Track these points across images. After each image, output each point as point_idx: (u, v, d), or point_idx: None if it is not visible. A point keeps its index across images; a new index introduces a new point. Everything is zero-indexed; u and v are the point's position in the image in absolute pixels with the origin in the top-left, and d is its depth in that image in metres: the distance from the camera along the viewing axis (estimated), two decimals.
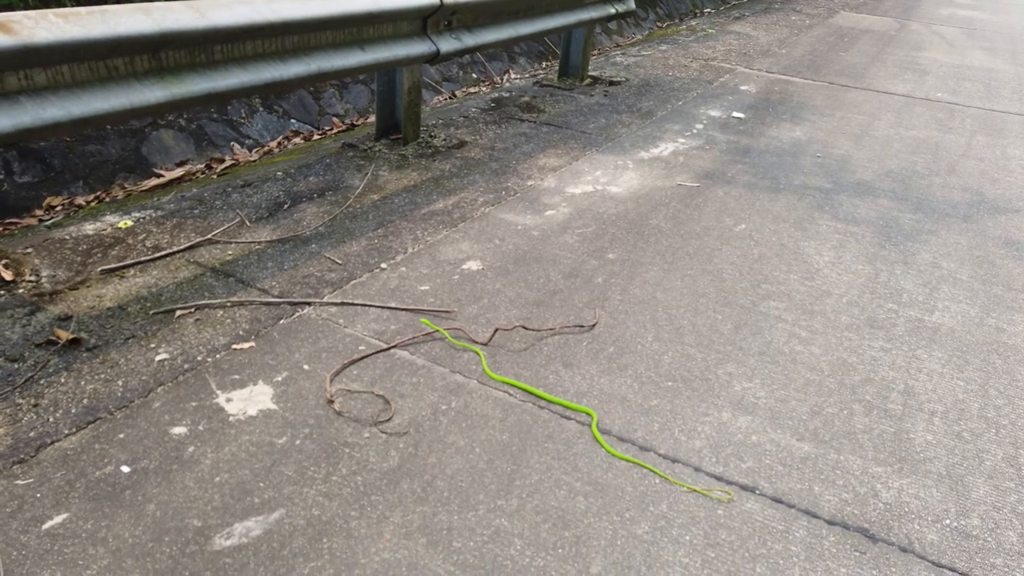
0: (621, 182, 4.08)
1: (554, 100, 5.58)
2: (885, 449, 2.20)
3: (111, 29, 2.29)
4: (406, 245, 3.18)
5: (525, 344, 2.56)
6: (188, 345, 2.37)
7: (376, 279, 2.89)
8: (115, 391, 2.14)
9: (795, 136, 5.19)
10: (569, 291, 2.93)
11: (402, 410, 2.19)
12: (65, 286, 2.58)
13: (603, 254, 3.25)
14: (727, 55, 7.66)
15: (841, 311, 2.95)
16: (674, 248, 3.36)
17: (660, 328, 2.72)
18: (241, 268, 2.85)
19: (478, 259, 3.11)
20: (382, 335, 2.54)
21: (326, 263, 2.96)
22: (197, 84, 2.64)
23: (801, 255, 3.40)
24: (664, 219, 3.66)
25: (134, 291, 2.61)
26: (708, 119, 5.39)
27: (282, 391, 2.22)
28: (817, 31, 9.61)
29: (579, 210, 3.68)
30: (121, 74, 2.44)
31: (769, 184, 4.24)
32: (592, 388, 2.36)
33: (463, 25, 3.99)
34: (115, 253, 2.85)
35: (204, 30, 2.56)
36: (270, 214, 3.32)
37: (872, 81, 7.04)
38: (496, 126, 4.88)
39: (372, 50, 3.39)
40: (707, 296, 2.98)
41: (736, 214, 3.80)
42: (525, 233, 3.39)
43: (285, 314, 2.60)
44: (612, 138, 4.80)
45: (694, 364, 2.53)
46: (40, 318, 2.40)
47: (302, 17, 2.90)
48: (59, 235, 2.99)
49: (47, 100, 2.23)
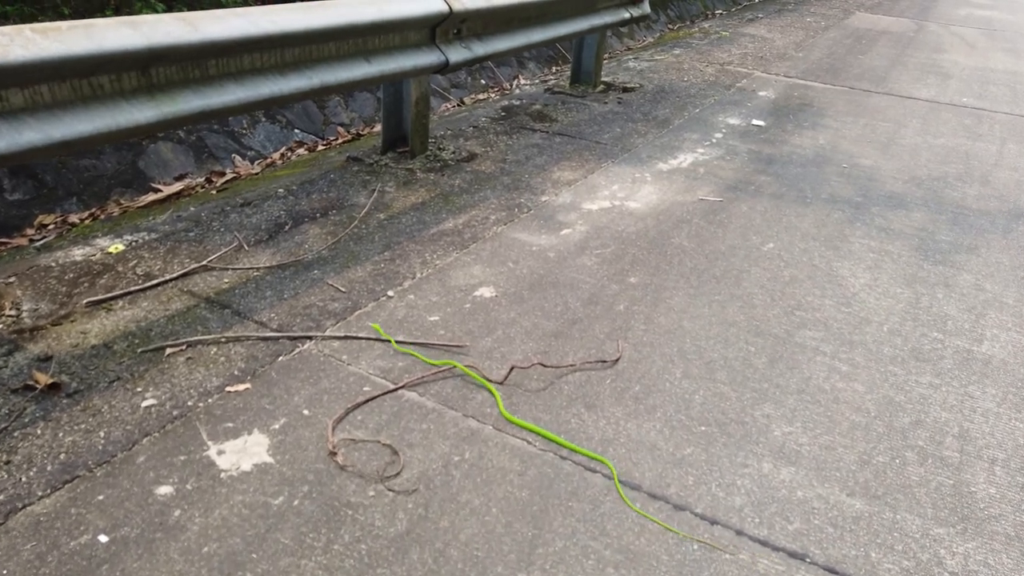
0: (640, 197, 3.87)
1: (566, 108, 5.37)
2: (945, 506, 1.99)
3: (95, 45, 2.11)
4: (414, 270, 2.98)
5: (544, 382, 2.36)
6: (178, 388, 2.18)
7: (382, 309, 2.69)
8: (96, 444, 1.95)
9: (819, 145, 4.97)
10: (589, 320, 2.73)
11: (411, 462, 1.99)
12: (48, 321, 2.39)
13: (624, 278, 3.05)
14: (743, 59, 7.44)
15: (883, 341, 2.74)
16: (699, 270, 3.16)
17: (689, 363, 2.52)
18: (238, 298, 2.66)
19: (491, 285, 2.91)
20: (389, 373, 2.34)
21: (329, 291, 2.77)
22: (190, 102, 2.45)
23: (835, 277, 3.19)
24: (687, 237, 3.46)
25: (121, 326, 2.43)
26: (727, 127, 5.17)
27: (279, 441, 2.02)
28: (833, 33, 9.38)
29: (596, 228, 3.48)
30: (107, 92, 2.26)
31: (795, 197, 4.03)
32: (618, 434, 2.15)
33: (473, 33, 3.79)
34: (103, 282, 2.66)
35: (198, 44, 2.37)
36: (270, 236, 3.13)
37: (894, 85, 6.81)
38: (507, 136, 4.68)
39: (378, 61, 3.19)
40: (737, 325, 2.77)
41: (763, 231, 3.59)
42: (540, 255, 3.19)
43: (284, 350, 2.41)
44: (628, 148, 4.60)
45: (728, 405, 2.32)
46: (18, 359, 2.21)
47: (303, 28, 2.71)
48: (45, 262, 2.81)
49: (24, 123, 2.05)
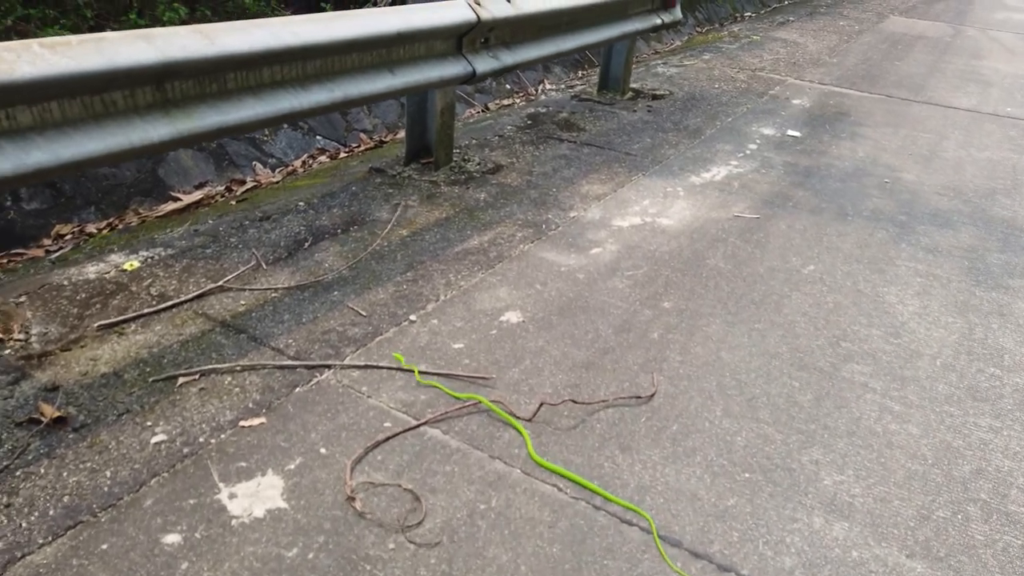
0: (672, 213, 3.72)
1: (594, 117, 5.22)
2: (1015, 570, 1.82)
3: (107, 60, 2.00)
4: (438, 291, 2.85)
5: (574, 419, 2.22)
6: (189, 422, 2.07)
7: (404, 335, 2.57)
8: (101, 485, 1.84)
9: (858, 157, 4.77)
10: (621, 349, 2.58)
11: (434, 510, 1.86)
12: (57, 346, 2.30)
13: (657, 302, 2.90)
14: (775, 65, 7.23)
15: (936, 377, 2.56)
16: (737, 295, 2.99)
17: (729, 399, 2.36)
18: (254, 322, 2.54)
19: (518, 309, 2.78)
20: (411, 407, 2.22)
21: (349, 315, 2.64)
22: (207, 117, 2.34)
23: (881, 304, 3.01)
24: (723, 258, 3.30)
25: (133, 352, 2.32)
26: (761, 138, 4.99)
27: (295, 484, 1.90)
28: (868, 38, 9.12)
29: (628, 247, 3.33)
30: (120, 109, 2.15)
31: (835, 215, 3.85)
32: (656, 481, 2.01)
33: (501, 42, 3.66)
34: (116, 303, 2.56)
35: (215, 58, 2.26)
36: (289, 254, 3.02)
37: (933, 94, 6.57)
38: (533, 147, 4.54)
39: (402, 73, 3.07)
40: (780, 357, 2.61)
41: (803, 252, 3.41)
42: (569, 276, 3.04)
43: (301, 380, 2.29)
44: (659, 160, 4.44)
45: (773, 448, 2.16)
46: (24, 388, 2.11)
47: (326, 40, 2.59)
48: (58, 279, 2.72)
49: (31, 143, 1.95)
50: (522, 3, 3.61)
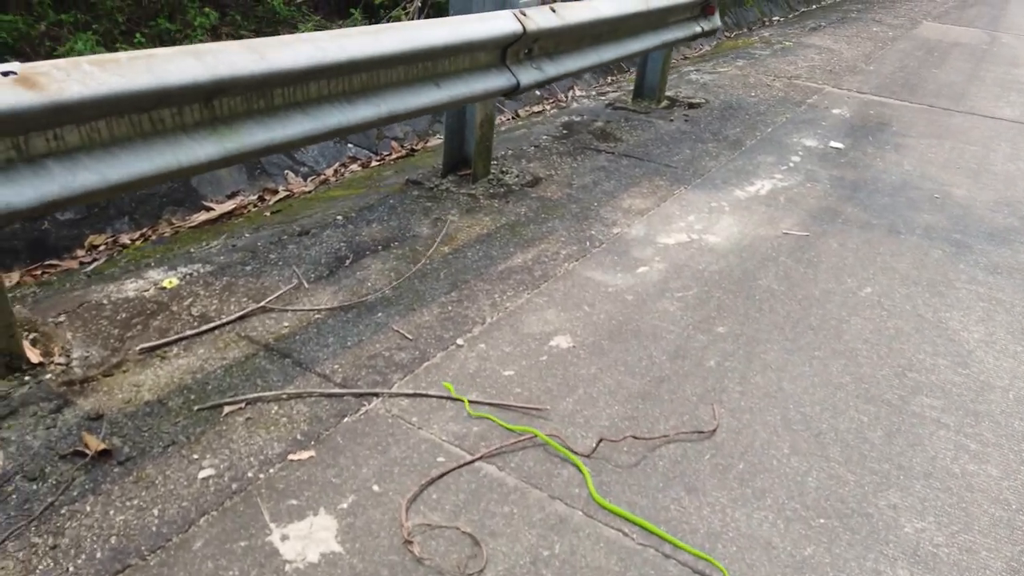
0: (719, 230, 3.60)
1: (630, 126, 5.11)
2: None
3: (157, 79, 1.92)
4: (484, 313, 2.76)
5: (635, 456, 2.12)
6: (237, 455, 1.99)
7: (452, 360, 2.47)
8: (149, 524, 1.76)
9: (904, 171, 4.63)
10: (678, 378, 2.47)
11: (495, 556, 1.77)
12: (99, 371, 2.22)
13: (711, 326, 2.78)
14: (811, 72, 7.08)
15: (1012, 413, 2.43)
16: (793, 319, 2.88)
17: (796, 435, 2.25)
18: (299, 345, 2.46)
19: (567, 333, 2.68)
20: (463, 440, 2.12)
21: (394, 338, 2.55)
22: (254, 135, 2.26)
23: (945, 330, 2.88)
24: (775, 279, 3.18)
25: (176, 378, 2.24)
26: (804, 150, 4.86)
27: (348, 524, 1.81)
28: (903, 44, 8.94)
29: (675, 266, 3.22)
30: (168, 127, 2.07)
31: (887, 232, 3.71)
32: (726, 526, 1.90)
33: (544, 53, 3.56)
34: (157, 324, 2.49)
35: (263, 74, 2.18)
36: (330, 272, 2.93)
37: (975, 103, 6.40)
38: (571, 158, 4.44)
39: (448, 86, 2.98)
40: (844, 389, 2.49)
41: (857, 273, 3.28)
42: (617, 297, 2.94)
43: (349, 410, 2.20)
44: (701, 173, 4.32)
45: (847, 491, 2.05)
46: (67, 417, 2.04)
47: (373, 55, 2.50)
48: (96, 298, 2.65)
49: (79, 163, 1.87)
50: (566, 13, 3.52)
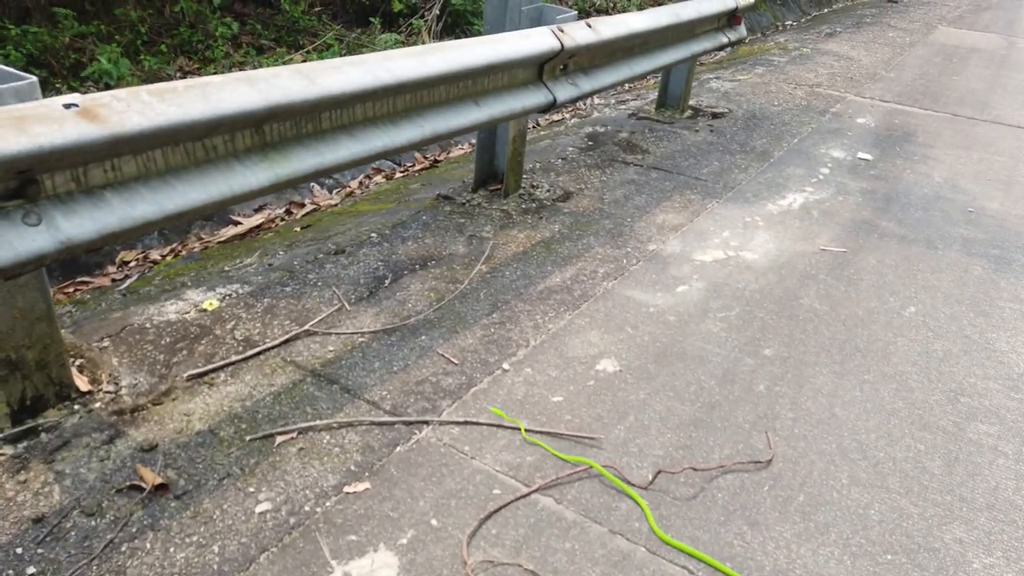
0: (755, 246, 3.56)
1: (656, 137, 5.08)
2: None
3: (212, 108, 1.90)
4: (527, 335, 2.73)
5: (693, 488, 2.08)
6: (293, 488, 1.96)
7: (499, 385, 2.44)
8: (210, 562, 1.73)
9: (935, 183, 4.58)
10: (729, 404, 2.44)
11: None
12: (148, 399, 2.20)
13: (757, 349, 2.75)
14: (832, 80, 7.04)
15: None
16: (839, 341, 2.84)
17: (854, 465, 2.21)
18: (345, 370, 2.43)
19: (612, 356, 2.64)
20: (518, 471, 2.09)
21: (440, 362, 2.53)
22: (304, 160, 2.24)
23: (993, 352, 2.84)
24: (816, 298, 3.14)
25: (226, 406, 2.22)
26: (833, 161, 4.82)
27: (410, 561, 1.78)
28: (920, 50, 8.89)
29: (715, 285, 3.18)
30: (220, 154, 2.05)
31: (924, 248, 3.67)
32: (792, 563, 1.87)
33: (579, 68, 3.53)
34: (202, 349, 2.47)
35: (314, 99, 2.15)
36: (371, 293, 2.91)
37: (999, 112, 6.35)
38: (600, 171, 4.41)
39: (487, 104, 2.95)
40: (898, 415, 2.45)
41: (899, 291, 3.25)
42: (659, 318, 2.91)
43: (401, 438, 2.17)
44: (731, 186, 4.28)
45: (911, 524, 2.01)
46: (120, 448, 2.02)
47: (420, 76, 2.48)
48: (138, 320, 2.62)
49: (136, 194, 1.85)
50: (602, 28, 3.49)
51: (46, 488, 1.86)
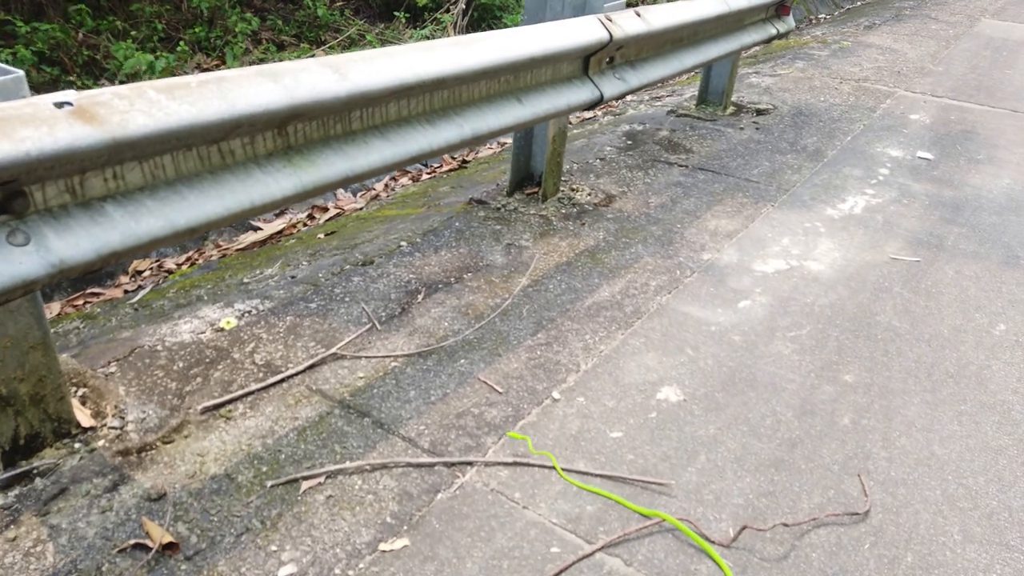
0: (819, 255, 3.26)
1: (698, 136, 4.77)
2: None
3: (229, 107, 1.64)
4: (576, 358, 2.45)
5: (782, 545, 1.80)
6: (321, 544, 1.70)
7: (550, 418, 2.17)
8: None
9: (1004, 185, 4.24)
10: (811, 441, 2.15)
11: None
12: (157, 436, 1.95)
13: (836, 374, 2.45)
14: (878, 74, 6.68)
15: None
16: (927, 364, 2.53)
17: (965, 516, 1.91)
18: (378, 401, 2.17)
19: (674, 383, 2.36)
20: (577, 524, 1.82)
21: (482, 390, 2.26)
22: (332, 165, 1.97)
23: None
24: (894, 313, 2.83)
25: (245, 444, 1.96)
26: (891, 161, 4.49)
27: None
28: (966, 43, 8.48)
29: (780, 299, 2.88)
30: (238, 159, 1.79)
31: (1004, 258, 3.35)
32: None
33: (626, 61, 3.24)
34: (218, 375, 2.21)
35: (345, 96, 1.89)
36: (402, 310, 2.64)
37: None
38: (642, 172, 4.11)
39: (530, 101, 2.67)
40: (1006, 453, 2.14)
41: (984, 306, 2.93)
42: (722, 338, 2.62)
43: (443, 483, 1.90)
44: (785, 188, 3.97)
45: None
46: (125, 496, 1.77)
47: (461, 69, 2.21)
48: (148, 341, 2.38)
49: (142, 206, 1.60)
50: (651, 17, 3.19)
51: (38, 548, 1.62)
